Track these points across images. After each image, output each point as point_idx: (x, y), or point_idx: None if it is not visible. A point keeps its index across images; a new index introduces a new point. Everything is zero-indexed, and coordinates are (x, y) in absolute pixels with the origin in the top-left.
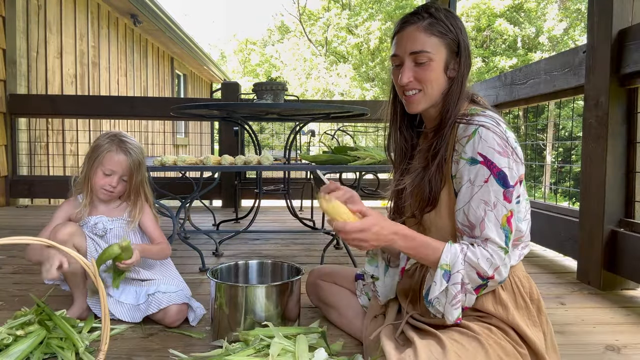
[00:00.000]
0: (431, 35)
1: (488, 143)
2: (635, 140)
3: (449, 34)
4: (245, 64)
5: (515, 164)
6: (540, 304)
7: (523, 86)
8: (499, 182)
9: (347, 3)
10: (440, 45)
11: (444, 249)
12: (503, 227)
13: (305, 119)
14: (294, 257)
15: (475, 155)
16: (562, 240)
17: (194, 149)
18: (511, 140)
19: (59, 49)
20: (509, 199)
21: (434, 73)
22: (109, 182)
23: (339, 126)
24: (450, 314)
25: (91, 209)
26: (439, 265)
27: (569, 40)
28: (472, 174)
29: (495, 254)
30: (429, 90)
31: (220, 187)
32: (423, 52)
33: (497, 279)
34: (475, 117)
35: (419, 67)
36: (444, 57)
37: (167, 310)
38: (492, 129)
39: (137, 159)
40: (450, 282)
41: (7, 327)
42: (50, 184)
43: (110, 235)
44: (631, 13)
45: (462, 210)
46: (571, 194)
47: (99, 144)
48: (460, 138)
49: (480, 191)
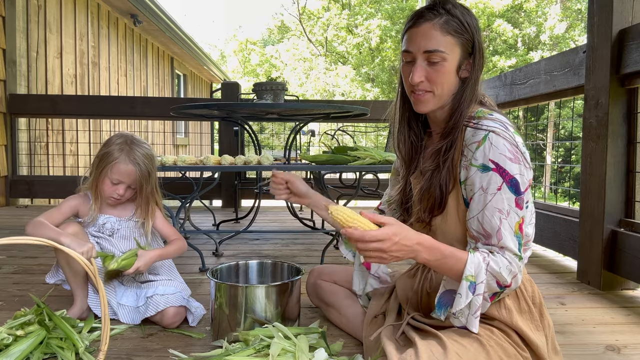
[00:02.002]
0: (447, 34)
1: (499, 150)
2: (635, 140)
3: (465, 33)
4: (245, 64)
5: (526, 169)
6: (542, 307)
7: (523, 86)
8: (512, 190)
9: (347, 3)
10: (455, 44)
11: (467, 260)
12: (516, 235)
13: (305, 119)
14: (294, 257)
15: (487, 162)
16: (562, 240)
17: (194, 149)
18: (520, 145)
19: (59, 49)
20: (521, 206)
21: (446, 74)
22: (116, 190)
23: (339, 126)
24: (473, 324)
25: (100, 208)
26: (464, 276)
27: (569, 40)
28: (485, 182)
29: (513, 262)
30: (439, 92)
31: (220, 187)
32: (437, 51)
33: (514, 286)
34: (483, 120)
35: (432, 67)
36: (457, 57)
37: (164, 312)
38: (502, 135)
39: (145, 170)
40: (476, 293)
41: (7, 327)
42: (50, 184)
43: (117, 236)
44: (631, 13)
45: (476, 218)
46: (571, 194)
47: (109, 151)
48: (470, 143)
49: (494, 199)
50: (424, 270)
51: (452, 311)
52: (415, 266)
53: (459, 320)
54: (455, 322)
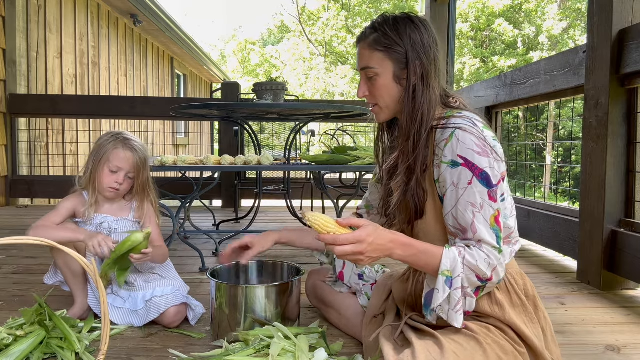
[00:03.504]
0: (375, 50)
1: (466, 145)
2: (635, 140)
3: (394, 45)
4: (245, 64)
5: (496, 162)
6: (536, 299)
7: (523, 86)
8: (483, 183)
9: (346, 3)
10: (385, 58)
11: (443, 255)
12: (493, 227)
13: (305, 119)
14: (294, 257)
15: (455, 158)
16: (562, 240)
17: (194, 149)
18: (489, 139)
19: (59, 49)
20: (494, 199)
21: (382, 87)
22: (115, 179)
23: (339, 126)
24: (456, 320)
25: (96, 207)
26: (440, 271)
27: (569, 40)
28: (455, 177)
29: (492, 255)
30: (383, 103)
31: (220, 187)
32: (368, 68)
33: (495, 279)
34: (451, 119)
35: (370, 82)
36: (390, 69)
37: (165, 313)
38: (469, 130)
39: (143, 156)
40: (452, 287)
41: (7, 327)
42: (50, 184)
43: (114, 235)
44: (631, 13)
45: (450, 214)
46: (571, 194)
47: (103, 143)
48: (439, 142)
49: (465, 193)
50: (415, 273)
51: (431, 307)
52: (408, 270)
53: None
54: (433, 319)
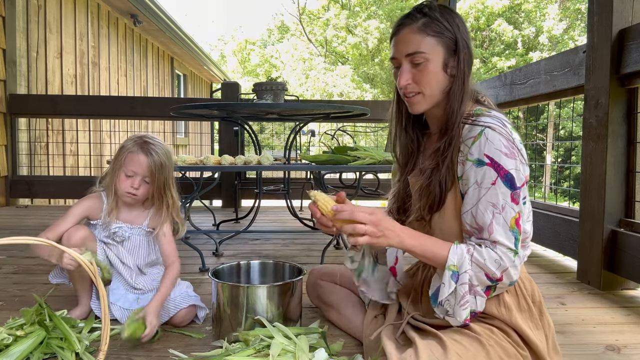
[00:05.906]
0: (426, 35)
1: (494, 145)
2: (635, 140)
3: (445, 31)
4: (245, 64)
5: (522, 165)
6: (542, 305)
7: (523, 86)
8: (507, 185)
9: (346, 3)
10: (437, 44)
11: (450, 250)
12: (512, 230)
13: (305, 119)
14: (294, 257)
15: (482, 157)
16: (562, 240)
17: (194, 149)
18: (517, 141)
19: (59, 49)
20: (517, 201)
21: (431, 74)
22: (131, 183)
23: (339, 126)
24: (459, 314)
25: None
26: (447, 266)
27: (569, 40)
28: (479, 176)
29: (505, 256)
30: (428, 92)
31: (220, 187)
32: (418, 52)
33: (506, 281)
34: (480, 117)
35: (417, 69)
36: (441, 56)
37: (174, 316)
38: (499, 130)
39: (158, 160)
40: (459, 282)
41: (7, 327)
42: (50, 184)
43: (127, 243)
44: (631, 13)
45: (469, 212)
46: (571, 194)
47: (124, 145)
48: (466, 139)
49: (488, 193)
50: (424, 269)
51: (438, 301)
52: (415, 265)
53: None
54: (442, 312)
